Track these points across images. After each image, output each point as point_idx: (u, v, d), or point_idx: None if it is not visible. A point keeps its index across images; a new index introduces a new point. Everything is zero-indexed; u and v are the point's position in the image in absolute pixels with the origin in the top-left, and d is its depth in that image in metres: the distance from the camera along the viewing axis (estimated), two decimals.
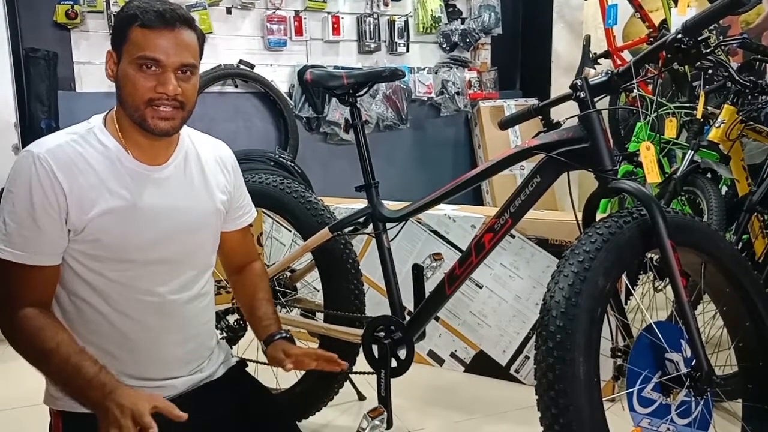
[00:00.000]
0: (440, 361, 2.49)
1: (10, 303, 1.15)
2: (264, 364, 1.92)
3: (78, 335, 1.19)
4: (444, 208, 2.44)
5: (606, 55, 3.63)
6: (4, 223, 1.14)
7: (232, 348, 1.80)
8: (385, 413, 1.58)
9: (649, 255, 1.33)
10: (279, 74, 3.95)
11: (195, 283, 1.32)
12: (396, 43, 4.17)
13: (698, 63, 2.22)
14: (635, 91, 1.35)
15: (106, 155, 1.20)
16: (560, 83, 4.35)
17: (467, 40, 4.36)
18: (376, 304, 1.98)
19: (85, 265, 1.19)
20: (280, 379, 1.95)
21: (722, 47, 2.43)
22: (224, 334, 1.92)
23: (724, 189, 2.47)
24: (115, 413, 1.04)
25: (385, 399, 1.60)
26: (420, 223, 2.45)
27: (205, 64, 3.71)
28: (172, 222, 1.25)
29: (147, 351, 1.25)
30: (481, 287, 2.37)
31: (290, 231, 2.59)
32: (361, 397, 2.16)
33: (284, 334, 1.44)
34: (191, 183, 1.30)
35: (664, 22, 3.42)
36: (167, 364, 1.29)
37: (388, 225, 1.71)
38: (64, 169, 1.15)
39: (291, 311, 1.93)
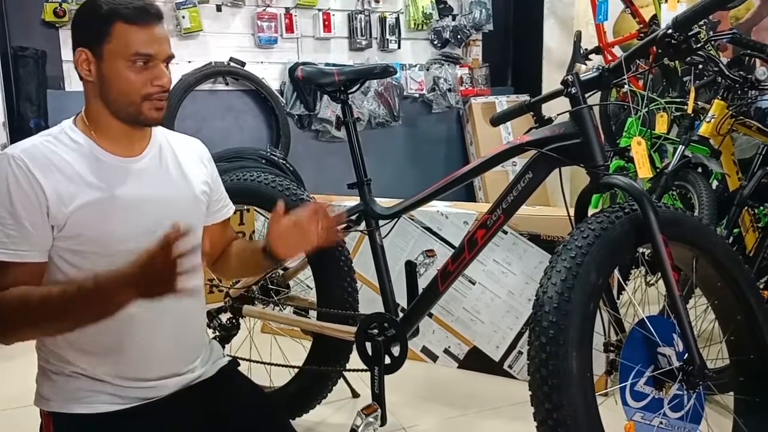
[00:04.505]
0: (434, 358, 2.49)
1: None
2: (257, 362, 1.93)
3: (69, 338, 1.19)
4: (436, 205, 2.44)
5: (597, 50, 3.63)
6: None
7: (224, 347, 1.79)
8: (379, 410, 1.58)
9: (640, 250, 1.34)
10: (270, 72, 3.93)
11: (183, 279, 1.30)
12: (387, 39, 4.17)
13: (688, 58, 2.24)
14: (626, 86, 1.35)
15: (80, 151, 1.21)
16: (551, 79, 4.36)
17: (458, 36, 4.36)
18: (370, 302, 1.97)
19: (72, 264, 1.18)
20: (273, 377, 1.95)
21: (712, 42, 2.44)
22: (216, 333, 1.91)
23: (714, 183, 2.48)
24: (139, 276, 1.04)
25: (379, 396, 1.60)
26: (413, 219, 2.45)
27: (196, 62, 3.69)
28: (153, 212, 1.24)
29: (137, 351, 1.24)
30: (474, 283, 2.38)
31: None
32: (355, 395, 2.17)
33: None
34: (167, 173, 1.31)
35: (655, 18, 3.43)
36: (158, 364, 1.28)
37: (381, 222, 1.71)
38: (41, 166, 1.15)
39: (284, 309, 1.93)
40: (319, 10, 3.96)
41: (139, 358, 1.25)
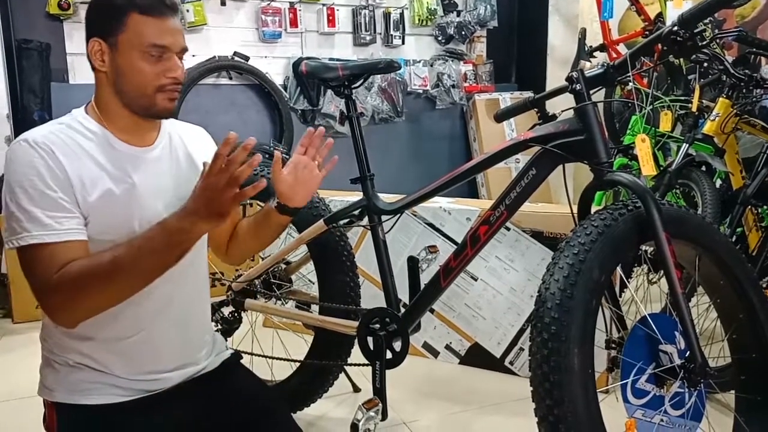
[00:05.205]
0: (435, 353, 2.49)
1: (47, 278, 1.09)
2: (259, 356, 1.93)
3: (76, 332, 1.18)
4: (439, 201, 2.44)
5: (601, 48, 3.62)
6: (25, 214, 1.09)
7: (226, 340, 1.79)
8: (380, 405, 1.58)
9: (643, 247, 1.34)
10: (274, 66, 3.93)
11: (189, 272, 1.31)
12: (391, 35, 4.16)
13: (693, 56, 2.23)
14: (631, 83, 1.34)
15: (96, 141, 1.20)
16: (556, 76, 4.35)
17: (463, 32, 4.35)
18: (372, 297, 1.98)
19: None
20: (275, 371, 1.95)
21: (717, 40, 2.43)
22: (219, 327, 1.92)
23: (718, 182, 2.48)
24: (208, 206, 1.06)
25: (380, 391, 1.60)
26: (415, 215, 2.45)
27: (200, 56, 3.69)
28: (168, 201, 1.23)
29: (145, 343, 1.25)
30: (476, 279, 2.38)
31: None
32: (356, 389, 2.17)
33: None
34: (178, 162, 1.31)
35: (660, 15, 3.42)
36: (165, 356, 1.28)
37: (384, 217, 1.71)
38: (63, 152, 1.14)
39: (286, 303, 1.93)
40: (324, 4, 3.96)
41: (146, 350, 1.25)
